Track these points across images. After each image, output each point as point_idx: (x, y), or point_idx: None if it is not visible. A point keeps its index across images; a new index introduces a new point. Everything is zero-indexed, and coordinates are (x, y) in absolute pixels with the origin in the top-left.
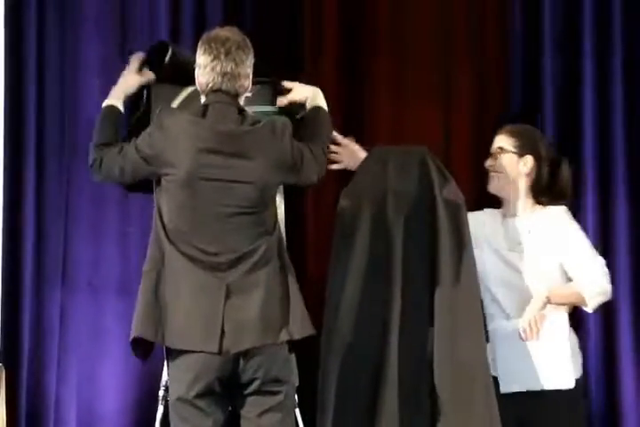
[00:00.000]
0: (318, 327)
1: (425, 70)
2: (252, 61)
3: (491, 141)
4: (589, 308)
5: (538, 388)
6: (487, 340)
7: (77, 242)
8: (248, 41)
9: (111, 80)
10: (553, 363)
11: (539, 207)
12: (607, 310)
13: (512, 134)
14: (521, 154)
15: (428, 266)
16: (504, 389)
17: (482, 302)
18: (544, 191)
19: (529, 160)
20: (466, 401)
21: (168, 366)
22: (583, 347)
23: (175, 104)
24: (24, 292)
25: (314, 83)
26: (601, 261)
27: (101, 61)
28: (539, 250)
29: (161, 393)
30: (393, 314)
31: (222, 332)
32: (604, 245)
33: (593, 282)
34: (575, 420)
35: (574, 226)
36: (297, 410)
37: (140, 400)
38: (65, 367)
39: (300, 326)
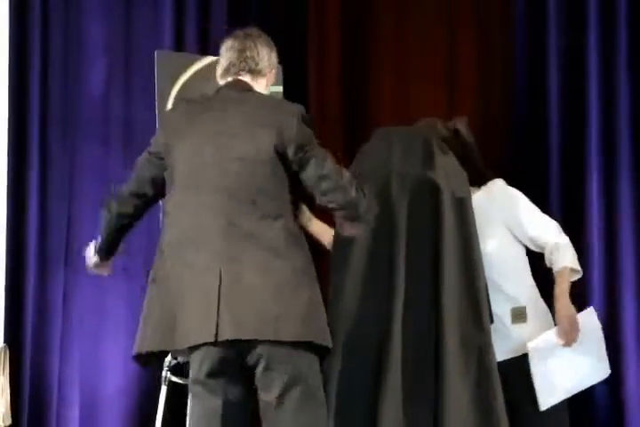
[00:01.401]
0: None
1: (429, 49)
2: (274, 57)
3: (496, 119)
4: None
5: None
6: (492, 321)
7: (81, 224)
8: (270, 40)
9: (115, 60)
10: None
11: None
12: (612, 300)
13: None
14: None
15: (432, 248)
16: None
17: (486, 282)
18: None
19: None
20: (471, 384)
21: None
22: None
23: (182, 80)
24: (28, 273)
25: (317, 62)
26: (548, 222)
27: (106, 41)
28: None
29: (164, 374)
30: (397, 296)
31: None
32: (609, 232)
33: (562, 252)
34: None
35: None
36: None
37: (144, 381)
38: (68, 348)
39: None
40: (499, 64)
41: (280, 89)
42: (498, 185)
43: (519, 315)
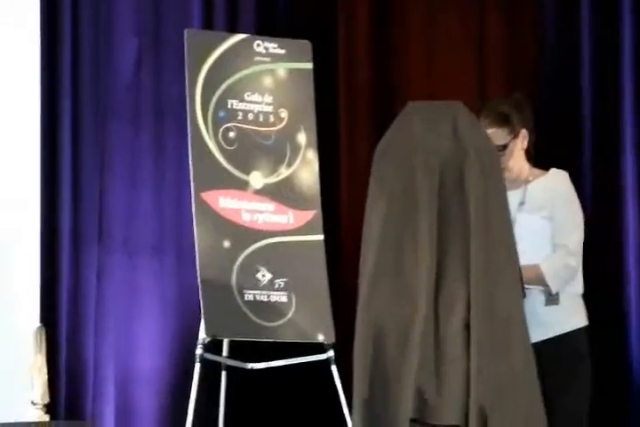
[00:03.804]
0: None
1: (457, 15)
2: None
3: (525, 87)
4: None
5: None
6: (524, 295)
7: (113, 202)
8: None
9: (145, 39)
10: None
11: (537, 171)
12: None
13: (496, 123)
14: (516, 134)
15: (462, 223)
16: None
17: (518, 257)
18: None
19: (525, 134)
20: (504, 354)
21: None
22: None
23: (212, 58)
24: (62, 253)
25: (346, 32)
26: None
27: (135, 21)
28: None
29: (198, 351)
30: (426, 274)
31: None
32: None
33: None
34: None
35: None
36: (334, 367)
37: (178, 359)
38: (103, 326)
39: None
40: (528, 42)
41: (310, 66)
42: (562, 175)
43: (553, 297)
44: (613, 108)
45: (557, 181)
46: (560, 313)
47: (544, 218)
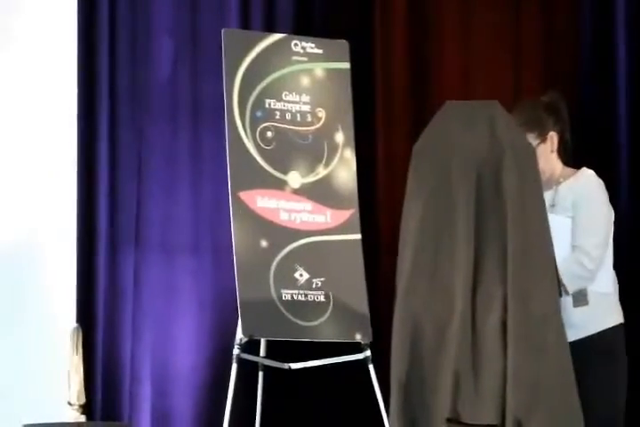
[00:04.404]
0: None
1: (494, 14)
2: None
3: (563, 84)
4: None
5: None
6: (560, 294)
7: (150, 202)
8: None
9: (182, 39)
10: None
11: (569, 172)
12: None
13: (525, 127)
14: (544, 139)
15: (499, 221)
16: None
17: (554, 256)
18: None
19: (553, 137)
20: (540, 353)
21: None
22: None
23: (250, 58)
24: (99, 253)
25: (383, 32)
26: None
27: (173, 21)
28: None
29: (235, 351)
30: (464, 273)
31: None
32: None
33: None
34: None
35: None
36: (371, 366)
37: (215, 359)
38: (139, 326)
39: None
40: (564, 37)
41: (347, 66)
42: (586, 176)
43: (581, 298)
44: None
45: (582, 182)
46: (590, 313)
47: (569, 218)
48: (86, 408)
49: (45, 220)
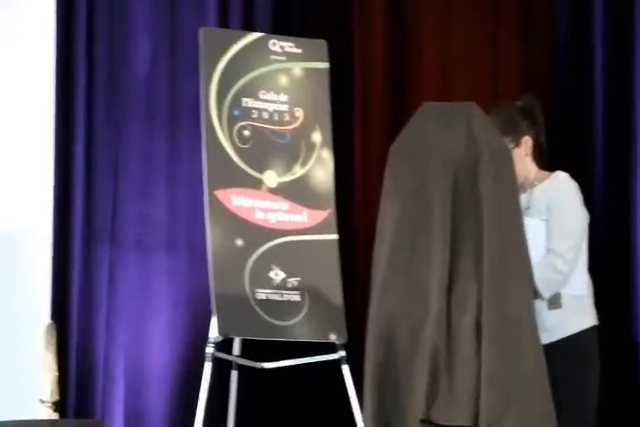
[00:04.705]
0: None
1: (472, 14)
2: None
3: (540, 84)
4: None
5: None
6: (535, 296)
7: (126, 201)
8: None
9: (160, 38)
10: None
11: (544, 174)
12: None
13: (500, 131)
14: (518, 142)
15: (475, 222)
16: None
17: (529, 257)
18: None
19: (527, 141)
20: (515, 354)
21: None
22: None
23: (227, 57)
24: (74, 251)
25: (362, 32)
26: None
27: (151, 19)
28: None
29: (209, 350)
30: (439, 273)
31: None
32: None
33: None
34: None
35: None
36: (346, 366)
37: (189, 357)
38: (113, 324)
39: None
40: (541, 42)
41: (326, 65)
42: (560, 178)
43: (555, 301)
44: (626, 108)
45: (556, 184)
46: (564, 316)
47: (543, 221)
48: (59, 406)
49: (21, 218)
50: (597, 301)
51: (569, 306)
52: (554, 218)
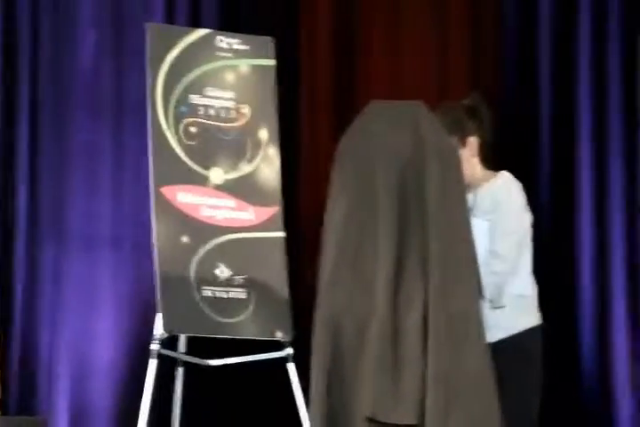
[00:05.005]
0: None
1: (420, 14)
2: None
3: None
4: None
5: None
6: (481, 293)
7: (71, 197)
8: None
9: (106, 33)
10: None
11: (489, 175)
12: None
13: (446, 131)
14: (464, 143)
15: (421, 221)
16: None
17: (476, 255)
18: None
19: (474, 141)
20: (461, 353)
21: None
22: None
23: (174, 53)
24: (17, 246)
25: (309, 29)
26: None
27: (96, 14)
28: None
29: (154, 347)
30: (385, 270)
31: None
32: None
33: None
34: None
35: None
36: (292, 364)
37: (134, 355)
38: (58, 321)
39: None
40: (489, 42)
41: (272, 62)
42: (504, 179)
43: (498, 300)
44: (571, 109)
45: (499, 185)
46: (507, 315)
47: (487, 221)
48: (1, 403)
49: None
50: (542, 300)
51: (512, 305)
52: (496, 218)
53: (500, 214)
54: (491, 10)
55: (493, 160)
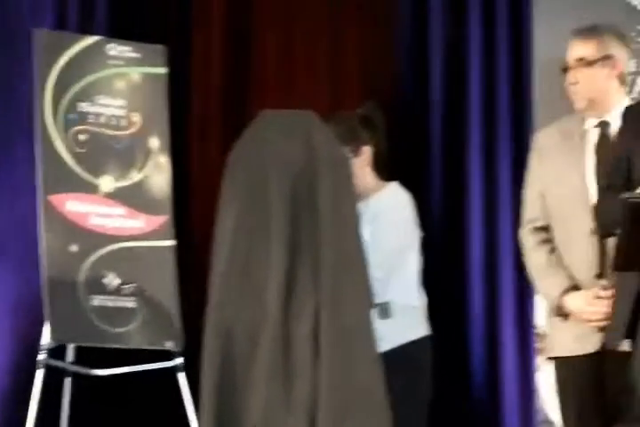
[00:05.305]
0: None
1: (313, 23)
2: None
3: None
4: None
5: None
6: (372, 305)
7: None
8: None
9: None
10: None
11: (381, 185)
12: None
13: (340, 141)
14: (357, 152)
15: (313, 231)
16: None
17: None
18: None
19: (367, 151)
20: (351, 365)
21: None
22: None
23: (63, 61)
24: None
25: (201, 38)
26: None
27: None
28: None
29: (41, 357)
30: (277, 281)
31: None
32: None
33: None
34: None
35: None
36: (182, 374)
37: (21, 365)
38: None
39: None
40: (382, 52)
41: (164, 71)
42: (392, 189)
43: (385, 311)
44: (462, 122)
45: (386, 195)
46: (395, 326)
47: (370, 231)
48: None
49: None
50: (433, 312)
51: (400, 316)
52: (377, 227)
53: (377, 225)
54: (383, 21)
55: (387, 170)
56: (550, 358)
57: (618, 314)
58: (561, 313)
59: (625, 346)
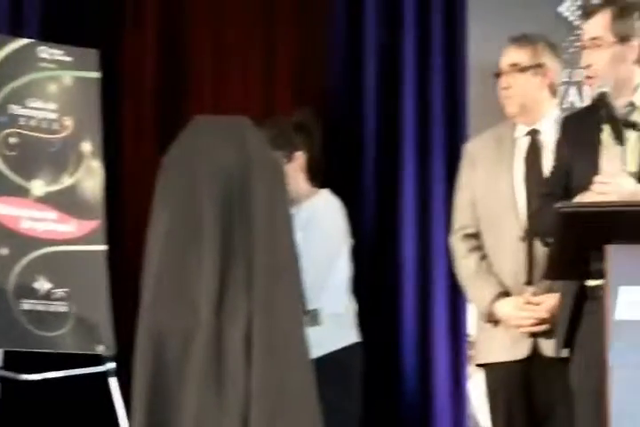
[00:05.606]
0: None
1: (246, 28)
2: None
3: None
4: None
5: None
6: (304, 312)
7: None
8: None
9: None
10: None
11: (313, 191)
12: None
13: (272, 146)
14: (291, 158)
15: (247, 237)
16: None
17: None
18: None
19: (300, 157)
20: (283, 370)
21: None
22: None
23: None
24: None
25: (134, 41)
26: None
27: None
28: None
29: None
30: (209, 286)
31: None
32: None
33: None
34: None
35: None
36: (114, 379)
37: None
38: None
39: None
40: (316, 56)
41: (97, 75)
42: (323, 195)
43: (314, 318)
44: (395, 127)
45: (317, 201)
46: (324, 333)
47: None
48: None
49: None
50: (363, 319)
51: (329, 323)
52: (307, 234)
53: (308, 232)
54: (318, 25)
55: (321, 177)
56: (479, 365)
57: (559, 323)
58: (491, 320)
59: (563, 353)
